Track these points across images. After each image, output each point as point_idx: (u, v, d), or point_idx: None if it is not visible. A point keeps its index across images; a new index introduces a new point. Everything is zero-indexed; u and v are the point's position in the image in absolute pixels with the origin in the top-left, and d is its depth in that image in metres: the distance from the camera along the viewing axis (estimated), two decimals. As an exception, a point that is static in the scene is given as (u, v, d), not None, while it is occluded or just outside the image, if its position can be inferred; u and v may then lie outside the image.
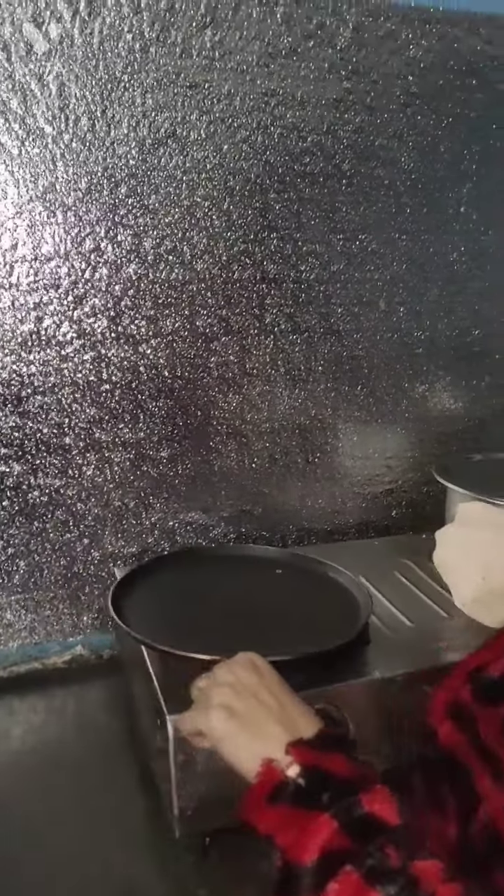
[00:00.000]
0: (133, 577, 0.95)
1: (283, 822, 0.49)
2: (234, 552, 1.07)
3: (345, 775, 0.51)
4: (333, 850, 0.46)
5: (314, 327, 1.15)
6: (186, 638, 0.79)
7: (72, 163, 0.98)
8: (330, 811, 0.48)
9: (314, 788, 0.50)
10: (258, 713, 0.56)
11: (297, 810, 0.49)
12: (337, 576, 0.97)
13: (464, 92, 1.13)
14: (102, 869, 0.75)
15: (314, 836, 0.47)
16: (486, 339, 1.26)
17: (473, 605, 0.89)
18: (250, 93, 1.03)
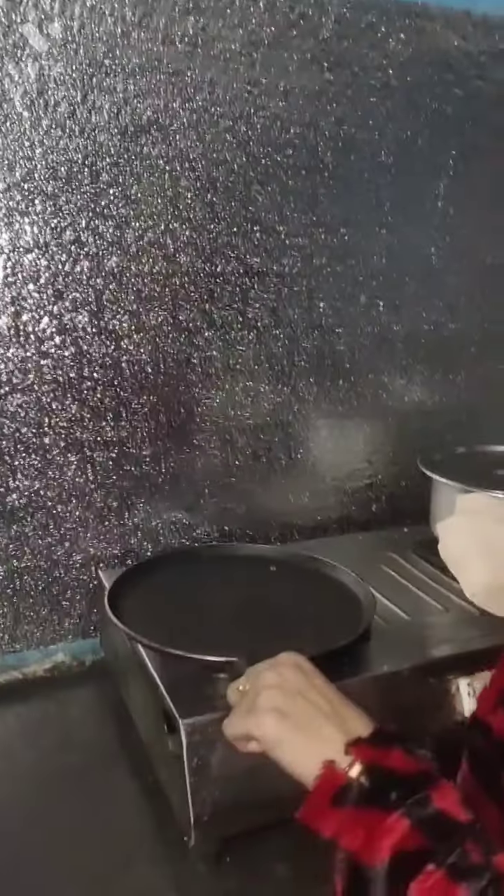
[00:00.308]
0: (126, 580, 0.92)
1: (349, 824, 0.48)
2: (228, 552, 1.05)
3: (408, 772, 0.50)
4: (408, 849, 0.45)
5: (297, 322, 1.14)
6: (190, 640, 0.77)
7: (51, 150, 0.95)
8: (400, 810, 0.47)
9: (379, 788, 0.49)
10: (310, 714, 0.54)
11: (364, 811, 0.48)
12: (338, 574, 0.96)
13: (441, 87, 1.14)
14: (110, 886, 0.72)
15: (386, 837, 0.46)
16: (462, 333, 1.28)
17: (485, 596, 0.89)
18: (233, 82, 1.01)
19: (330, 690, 0.58)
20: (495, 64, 1.17)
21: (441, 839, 0.45)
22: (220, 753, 0.70)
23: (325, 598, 0.91)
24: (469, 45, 1.14)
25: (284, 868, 0.73)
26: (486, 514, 0.94)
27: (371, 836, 0.47)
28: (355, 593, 0.90)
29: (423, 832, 0.46)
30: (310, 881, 0.72)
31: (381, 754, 0.51)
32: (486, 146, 1.20)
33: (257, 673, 0.60)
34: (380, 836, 0.46)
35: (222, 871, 0.74)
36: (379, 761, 0.50)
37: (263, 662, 0.61)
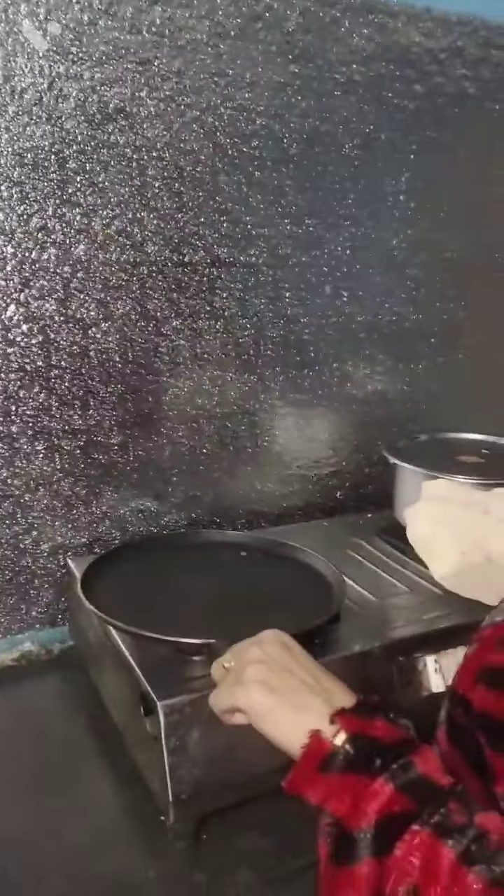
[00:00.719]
0: (98, 567, 0.92)
1: (335, 790, 0.50)
2: (197, 538, 1.06)
3: (391, 739, 0.52)
4: (394, 812, 0.47)
5: (263, 311, 1.15)
6: (165, 624, 0.77)
7: (17, 136, 0.94)
8: (384, 775, 0.49)
9: (364, 754, 0.51)
10: (295, 687, 0.56)
11: (350, 777, 0.50)
12: (308, 558, 0.98)
13: (402, 83, 1.16)
14: (91, 867, 0.73)
15: (372, 801, 0.48)
16: (422, 324, 1.31)
17: (454, 578, 0.92)
18: (200, 72, 1.02)
19: (313, 665, 0.59)
20: (455, 60, 1.20)
21: (425, 801, 0.47)
22: (196, 733, 0.71)
23: (295, 582, 0.93)
24: (430, 42, 1.16)
25: (261, 843, 0.75)
26: (452, 500, 0.97)
27: (357, 801, 0.48)
28: (325, 576, 0.92)
29: (408, 795, 0.48)
30: (286, 855, 0.74)
31: (364, 724, 0.53)
32: (445, 142, 1.23)
33: (242, 649, 0.61)
34: (366, 800, 0.48)
35: (200, 848, 0.75)
36: (363, 730, 0.52)
37: (246, 640, 0.62)
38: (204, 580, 0.92)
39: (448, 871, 0.44)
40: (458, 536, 0.94)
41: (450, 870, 0.44)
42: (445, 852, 0.44)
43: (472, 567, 0.92)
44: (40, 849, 0.75)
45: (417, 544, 1.00)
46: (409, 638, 0.85)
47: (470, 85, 1.23)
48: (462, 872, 0.43)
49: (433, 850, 0.45)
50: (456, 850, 0.44)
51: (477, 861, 0.44)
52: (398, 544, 1.10)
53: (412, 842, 0.45)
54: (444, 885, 0.43)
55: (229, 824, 0.77)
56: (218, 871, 0.72)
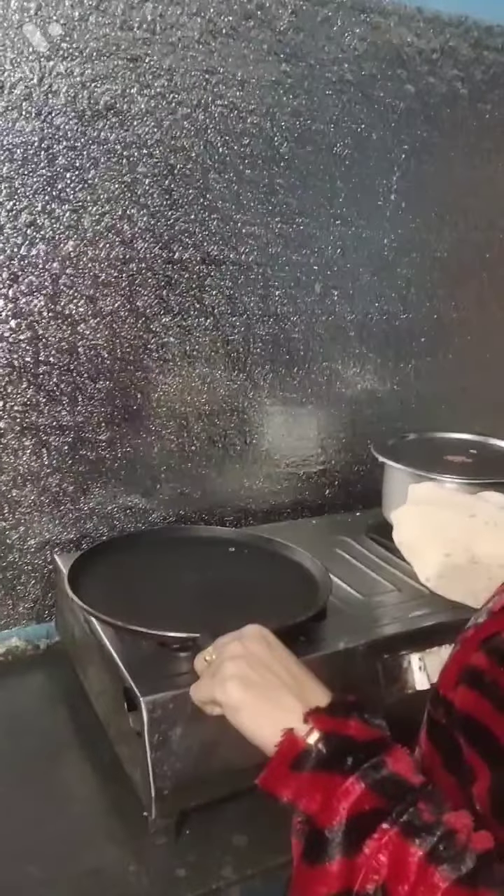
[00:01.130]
0: (85, 561, 0.92)
1: (307, 788, 0.50)
2: (186, 533, 1.06)
3: (363, 739, 0.52)
4: (364, 810, 0.47)
5: (252, 309, 1.16)
6: (151, 619, 0.77)
7: (6, 131, 0.94)
8: (356, 774, 0.49)
9: (336, 753, 0.51)
10: (273, 684, 0.56)
11: (322, 775, 0.50)
12: (295, 555, 0.98)
13: (394, 82, 1.17)
14: (70, 864, 0.73)
15: (342, 799, 0.48)
16: (412, 323, 1.31)
17: (438, 580, 0.93)
18: (191, 69, 1.02)
19: (292, 662, 0.59)
20: (446, 61, 1.20)
21: (395, 800, 0.48)
22: (179, 729, 0.72)
23: (282, 578, 0.93)
24: (421, 42, 1.17)
25: (242, 838, 0.76)
26: (438, 502, 0.97)
27: (328, 799, 0.48)
28: (312, 573, 0.93)
29: (378, 793, 0.48)
30: (266, 850, 0.74)
31: (338, 723, 0.53)
32: (436, 142, 1.24)
33: (224, 643, 0.62)
34: (337, 799, 0.48)
35: (182, 843, 0.75)
36: (336, 729, 0.52)
37: (229, 634, 0.63)
38: (191, 575, 0.93)
39: (415, 870, 0.44)
40: (443, 539, 0.95)
41: (417, 868, 0.44)
42: (413, 851, 0.45)
43: (456, 569, 0.92)
44: (21, 842, 0.75)
45: (403, 546, 1.00)
46: (394, 636, 0.86)
47: (461, 85, 1.23)
48: (429, 871, 0.44)
49: (401, 848, 0.45)
50: (424, 849, 0.45)
51: (444, 860, 0.44)
52: (386, 543, 1.10)
53: (381, 840, 0.46)
54: (411, 884, 0.44)
55: (211, 820, 0.77)
56: (199, 866, 0.73)
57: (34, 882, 0.71)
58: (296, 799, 0.50)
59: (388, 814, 0.47)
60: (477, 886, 0.43)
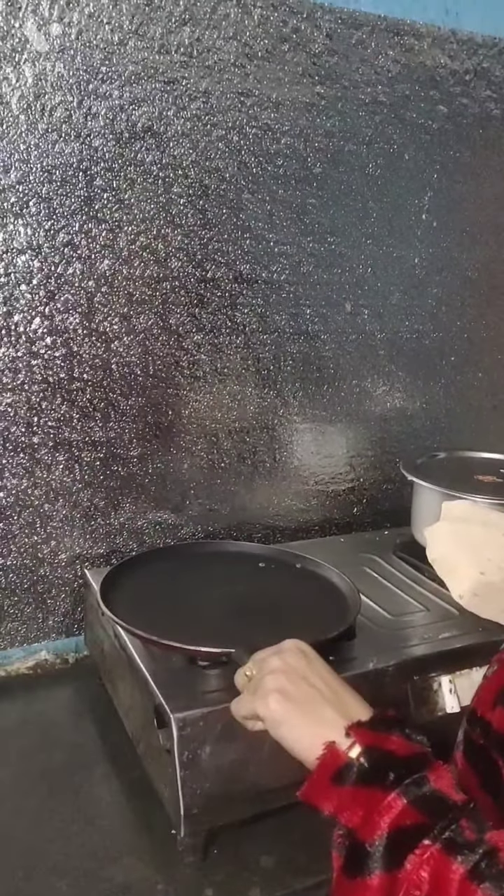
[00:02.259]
0: (115, 576, 0.93)
1: (349, 802, 0.50)
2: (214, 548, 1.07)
3: (405, 754, 0.52)
4: (406, 826, 0.47)
5: (284, 327, 1.16)
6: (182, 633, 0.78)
7: (46, 153, 0.96)
8: (398, 789, 0.49)
9: (378, 768, 0.51)
10: (313, 697, 0.57)
11: (364, 790, 0.50)
12: (322, 570, 0.98)
13: (427, 103, 1.17)
14: (98, 880, 0.73)
15: (384, 814, 0.48)
16: (442, 342, 1.31)
17: (472, 598, 0.92)
18: (227, 92, 1.04)
19: (331, 676, 0.60)
20: (479, 82, 1.20)
21: (437, 816, 0.48)
22: (209, 747, 0.72)
23: (311, 594, 0.93)
24: (454, 64, 1.17)
25: (270, 859, 0.75)
26: (472, 520, 0.97)
27: (370, 813, 0.49)
28: (340, 590, 0.93)
29: (420, 810, 0.48)
30: (294, 872, 0.74)
31: (380, 737, 0.53)
32: (468, 162, 1.24)
33: (263, 658, 0.62)
34: (378, 813, 0.48)
35: (209, 862, 0.75)
36: (378, 744, 0.53)
37: (268, 649, 0.63)
38: (221, 590, 0.93)
39: (457, 887, 0.44)
40: (477, 557, 0.94)
41: (459, 886, 0.44)
42: (455, 868, 0.44)
43: (490, 587, 0.91)
44: (49, 857, 0.75)
45: (437, 564, 1.00)
46: (424, 657, 0.85)
47: (494, 106, 1.23)
48: (471, 889, 0.44)
49: (443, 865, 0.45)
50: (466, 866, 0.44)
51: (487, 878, 0.44)
52: (415, 562, 1.10)
53: (423, 856, 0.46)
54: None
55: (239, 840, 0.77)
56: (226, 887, 0.72)
57: (62, 898, 0.71)
58: (337, 812, 0.50)
59: (430, 830, 0.47)
60: None
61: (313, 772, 0.53)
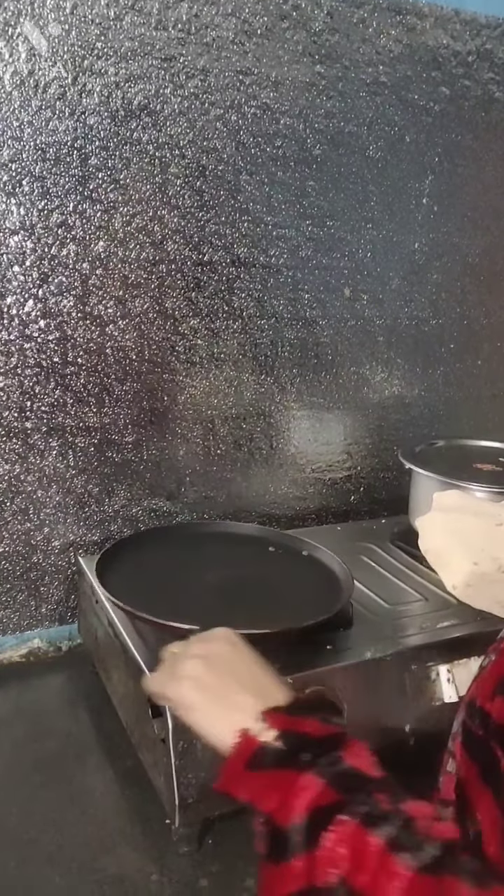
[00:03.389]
0: (110, 555, 0.92)
1: (264, 786, 0.49)
2: (216, 529, 1.06)
3: (320, 735, 0.51)
4: (322, 805, 0.46)
5: (281, 313, 1.15)
6: (169, 612, 0.77)
7: (40, 131, 0.94)
8: (313, 770, 0.48)
9: (292, 750, 0.50)
10: (229, 685, 0.56)
11: (278, 773, 0.49)
12: (321, 555, 0.98)
13: (429, 85, 1.15)
14: (93, 870, 0.72)
15: (300, 795, 0.47)
16: (442, 329, 1.30)
17: (465, 589, 0.91)
18: (225, 70, 1.01)
19: (256, 666, 0.59)
20: (482, 64, 1.18)
21: (352, 792, 0.47)
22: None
23: (307, 579, 0.93)
24: (457, 45, 1.15)
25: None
26: (463, 510, 0.96)
27: (286, 796, 0.47)
28: (338, 578, 0.92)
29: (335, 788, 0.47)
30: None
31: (295, 721, 0.52)
32: (470, 146, 1.22)
33: (191, 642, 0.62)
34: (294, 795, 0.47)
35: (204, 853, 0.74)
36: (293, 727, 0.52)
37: (199, 634, 0.63)
38: (219, 572, 0.93)
39: (376, 859, 0.43)
40: (470, 547, 0.93)
41: (377, 857, 0.43)
42: (373, 841, 0.44)
43: (483, 578, 0.90)
44: (42, 848, 0.74)
45: (430, 555, 0.99)
46: (422, 647, 0.84)
47: (497, 89, 1.21)
48: (390, 860, 0.42)
49: (360, 839, 0.44)
50: (383, 838, 0.43)
51: (404, 848, 0.43)
52: (412, 550, 1.08)
53: (339, 832, 0.44)
54: (371, 873, 0.43)
55: (234, 830, 0.76)
56: (222, 877, 0.71)
57: (56, 888, 0.70)
58: (254, 799, 0.49)
59: (347, 805, 0.46)
60: (442, 874, 0.42)
61: (228, 759, 0.52)
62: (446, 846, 0.43)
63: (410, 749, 0.80)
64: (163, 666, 0.62)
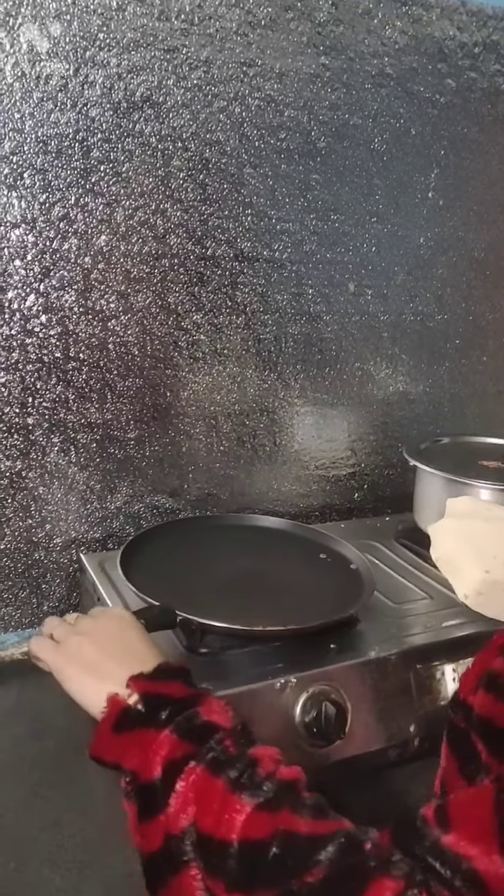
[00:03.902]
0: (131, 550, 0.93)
1: (128, 746, 0.51)
2: (235, 521, 1.07)
3: (180, 696, 0.54)
4: (176, 757, 0.49)
5: (285, 308, 1.13)
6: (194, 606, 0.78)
7: (41, 123, 0.92)
8: (169, 727, 0.50)
9: (152, 710, 0.52)
10: (105, 658, 0.58)
11: (140, 732, 0.51)
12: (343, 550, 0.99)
13: (435, 77, 1.14)
14: (92, 871, 0.71)
15: (158, 751, 0.49)
16: (447, 324, 1.28)
17: (477, 598, 0.90)
18: (228, 61, 1.00)
19: (140, 641, 0.61)
20: (488, 55, 1.17)
21: (203, 742, 0.50)
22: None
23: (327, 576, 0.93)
24: (463, 36, 1.14)
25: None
26: (473, 516, 0.94)
27: (146, 753, 0.50)
28: (360, 574, 0.92)
29: (188, 740, 0.50)
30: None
31: (158, 685, 0.55)
32: (476, 139, 1.21)
33: (83, 617, 0.65)
34: (153, 752, 0.49)
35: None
36: (155, 690, 0.54)
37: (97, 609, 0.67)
38: (238, 565, 0.93)
39: (219, 800, 0.46)
40: (482, 555, 0.91)
41: (221, 798, 0.46)
42: (218, 783, 0.47)
43: (496, 586, 0.89)
44: (42, 848, 0.74)
45: (441, 563, 0.97)
46: (427, 646, 0.83)
47: (503, 81, 1.20)
48: (232, 799, 0.46)
49: (207, 782, 0.47)
50: (226, 779, 0.47)
51: (245, 788, 0.46)
52: (417, 549, 1.08)
53: (188, 778, 0.47)
54: (215, 813, 0.45)
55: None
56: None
57: (55, 889, 0.69)
58: (119, 759, 0.52)
59: (196, 755, 0.48)
60: (279, 810, 0.45)
61: (98, 725, 0.54)
62: (285, 784, 0.47)
63: (415, 748, 0.79)
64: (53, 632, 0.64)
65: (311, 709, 0.74)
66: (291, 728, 0.73)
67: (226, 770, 0.47)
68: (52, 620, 0.66)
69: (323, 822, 0.44)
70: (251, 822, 0.44)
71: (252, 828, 0.44)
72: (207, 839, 0.45)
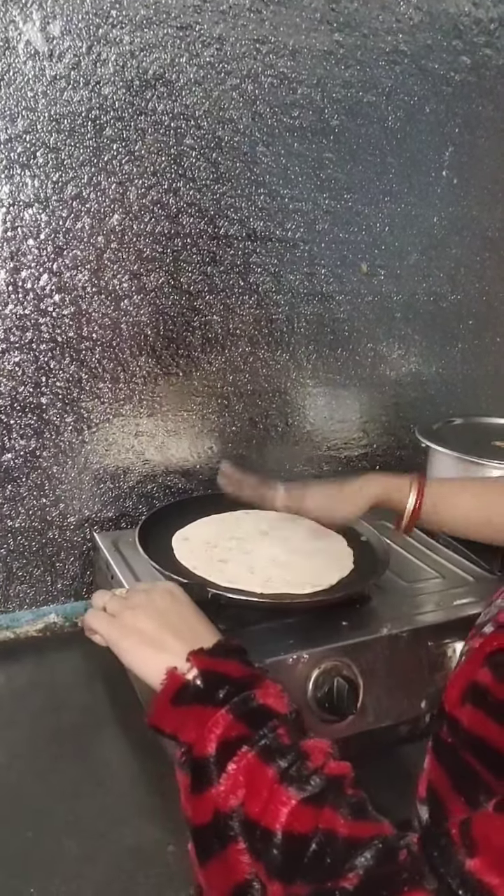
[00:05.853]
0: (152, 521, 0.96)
1: (185, 720, 0.53)
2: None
3: (238, 676, 0.55)
4: (230, 737, 0.50)
5: (297, 288, 1.13)
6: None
7: (54, 101, 0.92)
8: (226, 706, 0.52)
9: (210, 687, 0.54)
10: (163, 630, 0.59)
11: (197, 708, 0.53)
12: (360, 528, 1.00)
13: (450, 54, 1.12)
14: (108, 841, 0.72)
15: (213, 729, 0.51)
16: (461, 304, 1.28)
17: None
18: (241, 38, 0.99)
19: (193, 615, 0.63)
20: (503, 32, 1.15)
21: (258, 727, 0.51)
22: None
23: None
24: (479, 12, 1.12)
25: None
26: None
27: (202, 729, 0.51)
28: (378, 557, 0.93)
29: (243, 722, 0.51)
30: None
31: (217, 662, 0.56)
32: (491, 116, 1.19)
33: (135, 591, 0.66)
34: (209, 729, 0.51)
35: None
36: (214, 667, 0.55)
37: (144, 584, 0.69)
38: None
39: (268, 788, 0.47)
40: None
41: (269, 786, 0.47)
42: (268, 771, 0.48)
43: None
44: (60, 816, 0.75)
45: None
46: (438, 624, 0.84)
47: (519, 57, 1.18)
48: (279, 790, 0.47)
49: (258, 769, 0.48)
50: (276, 769, 0.48)
51: (293, 780, 0.47)
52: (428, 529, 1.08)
53: (240, 763, 0.49)
54: (263, 801, 0.47)
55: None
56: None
57: (72, 858, 0.71)
58: (176, 731, 0.53)
59: (249, 739, 0.50)
60: (323, 806, 0.45)
61: (157, 695, 0.55)
62: (332, 780, 0.48)
63: (426, 724, 0.80)
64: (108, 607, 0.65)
65: (324, 684, 0.75)
66: (304, 703, 0.74)
67: (276, 760, 0.48)
68: (104, 594, 0.67)
69: (363, 823, 0.45)
70: (295, 815, 0.46)
71: (296, 821, 0.45)
72: (254, 824, 0.47)
